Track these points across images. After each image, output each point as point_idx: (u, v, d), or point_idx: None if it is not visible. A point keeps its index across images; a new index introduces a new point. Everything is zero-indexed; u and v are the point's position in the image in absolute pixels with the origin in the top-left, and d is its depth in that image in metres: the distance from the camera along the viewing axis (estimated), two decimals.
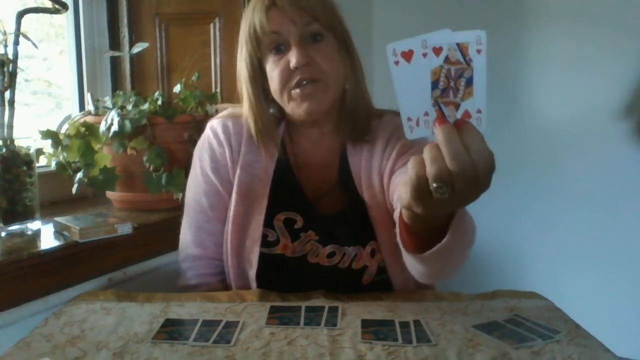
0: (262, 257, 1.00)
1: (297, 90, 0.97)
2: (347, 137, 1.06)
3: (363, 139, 1.05)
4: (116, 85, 1.65)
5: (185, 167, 1.38)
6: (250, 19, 0.98)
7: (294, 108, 1.00)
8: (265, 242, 1.01)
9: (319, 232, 1.01)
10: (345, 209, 1.04)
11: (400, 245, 0.77)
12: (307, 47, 0.96)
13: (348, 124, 1.05)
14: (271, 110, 1.05)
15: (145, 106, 1.33)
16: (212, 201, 1.07)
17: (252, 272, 1.01)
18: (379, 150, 1.04)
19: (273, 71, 0.98)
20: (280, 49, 0.97)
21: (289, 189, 1.05)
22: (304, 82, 0.96)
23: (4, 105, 1.13)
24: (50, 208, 1.34)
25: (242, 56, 1.02)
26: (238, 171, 1.05)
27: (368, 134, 1.06)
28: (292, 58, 0.95)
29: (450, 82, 0.60)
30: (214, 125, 1.09)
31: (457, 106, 0.61)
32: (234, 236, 1.03)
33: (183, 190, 1.33)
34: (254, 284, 1.01)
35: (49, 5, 1.20)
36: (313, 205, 1.04)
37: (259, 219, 1.01)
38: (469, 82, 0.60)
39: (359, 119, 1.04)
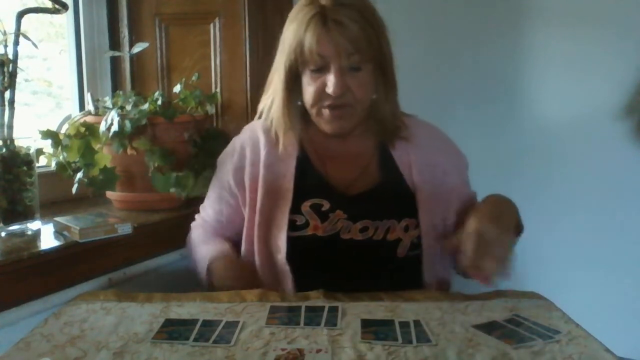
0: (294, 241, 1.03)
1: (327, 111, 1.04)
2: (379, 136, 1.13)
3: (399, 136, 1.13)
4: (116, 85, 1.65)
5: (188, 167, 1.39)
6: (300, 34, 1.00)
7: (321, 124, 1.08)
8: (294, 227, 1.04)
9: (347, 211, 1.05)
10: (375, 188, 1.09)
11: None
12: (345, 75, 1.01)
13: (376, 126, 1.12)
14: (299, 103, 1.09)
15: (145, 106, 1.33)
16: (224, 207, 1.16)
17: (281, 256, 1.03)
18: (432, 159, 1.12)
19: (308, 86, 1.04)
20: (319, 70, 1.02)
21: (312, 180, 1.09)
22: (336, 107, 1.03)
23: (4, 105, 1.13)
24: (50, 208, 1.34)
25: (282, 60, 1.05)
26: (262, 170, 1.10)
27: (402, 130, 1.13)
28: (330, 85, 1.00)
29: None
30: (234, 141, 1.19)
31: None
32: (260, 227, 1.08)
33: (189, 191, 1.33)
34: (286, 267, 1.03)
35: (49, 5, 1.20)
36: (339, 189, 1.08)
37: (285, 209, 1.05)
38: None
39: (385, 122, 1.11)
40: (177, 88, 1.46)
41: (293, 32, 1.02)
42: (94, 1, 1.59)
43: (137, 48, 1.49)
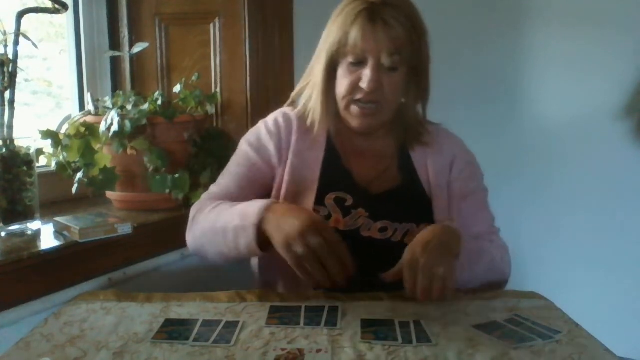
0: None
1: (356, 108, 1.06)
2: (401, 139, 1.16)
3: (420, 140, 1.15)
4: (116, 85, 1.65)
5: (188, 168, 1.39)
6: (346, 26, 1.02)
7: (348, 118, 1.09)
8: None
9: (369, 209, 1.06)
10: (396, 190, 1.10)
11: None
12: (381, 73, 1.02)
13: (399, 128, 1.15)
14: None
15: (145, 106, 1.33)
16: (249, 173, 1.11)
17: None
18: (447, 163, 1.16)
19: (343, 78, 1.05)
20: (357, 63, 1.03)
21: (338, 173, 1.10)
22: (366, 102, 1.04)
23: (4, 105, 1.13)
24: (50, 208, 1.34)
25: (324, 50, 1.06)
26: (290, 157, 1.10)
27: (424, 136, 1.16)
28: (365, 79, 1.02)
29: None
30: (266, 120, 1.16)
31: None
32: None
33: (185, 192, 1.33)
34: None
35: (49, 5, 1.20)
36: (362, 186, 1.09)
37: (310, 199, 1.06)
38: None
39: (409, 127, 1.15)
40: (177, 88, 1.46)
41: (339, 24, 1.03)
42: (94, 1, 1.58)
43: (137, 48, 1.49)
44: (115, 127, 1.27)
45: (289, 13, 1.68)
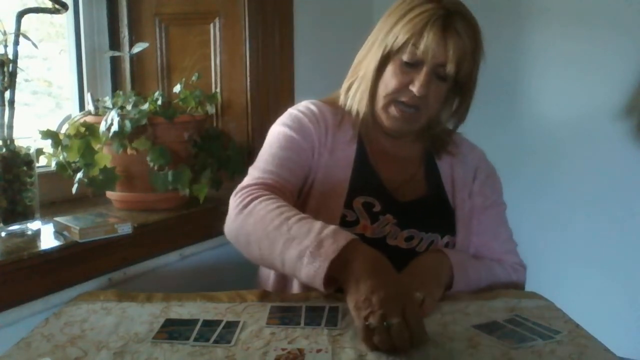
0: None
1: (396, 109, 1.05)
2: (428, 146, 1.16)
3: (446, 149, 1.17)
4: (116, 85, 1.65)
5: (189, 165, 1.39)
6: (418, 28, 0.99)
7: (383, 117, 1.07)
8: (344, 222, 1.03)
9: (397, 216, 1.05)
10: (423, 199, 1.10)
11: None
12: (431, 80, 1.02)
13: (425, 136, 1.16)
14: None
15: (145, 106, 1.32)
16: (293, 155, 1.06)
17: None
18: (470, 174, 1.17)
19: (393, 76, 1.04)
20: (412, 64, 1.02)
21: (367, 176, 1.09)
22: (408, 106, 1.04)
23: (4, 105, 1.13)
24: (50, 208, 1.33)
25: (383, 43, 1.04)
26: (325, 154, 1.09)
27: (449, 145, 1.17)
28: (417, 84, 1.01)
29: None
30: (298, 107, 1.12)
31: None
32: (311, 213, 1.00)
33: (190, 187, 1.33)
34: None
35: (49, 5, 1.20)
36: (390, 192, 1.08)
37: (339, 201, 1.04)
38: None
39: (436, 135, 1.15)
40: (177, 88, 1.46)
41: (410, 25, 1.01)
42: (94, 1, 1.58)
43: (137, 48, 1.49)
44: (115, 127, 1.27)
45: (289, 13, 1.68)
